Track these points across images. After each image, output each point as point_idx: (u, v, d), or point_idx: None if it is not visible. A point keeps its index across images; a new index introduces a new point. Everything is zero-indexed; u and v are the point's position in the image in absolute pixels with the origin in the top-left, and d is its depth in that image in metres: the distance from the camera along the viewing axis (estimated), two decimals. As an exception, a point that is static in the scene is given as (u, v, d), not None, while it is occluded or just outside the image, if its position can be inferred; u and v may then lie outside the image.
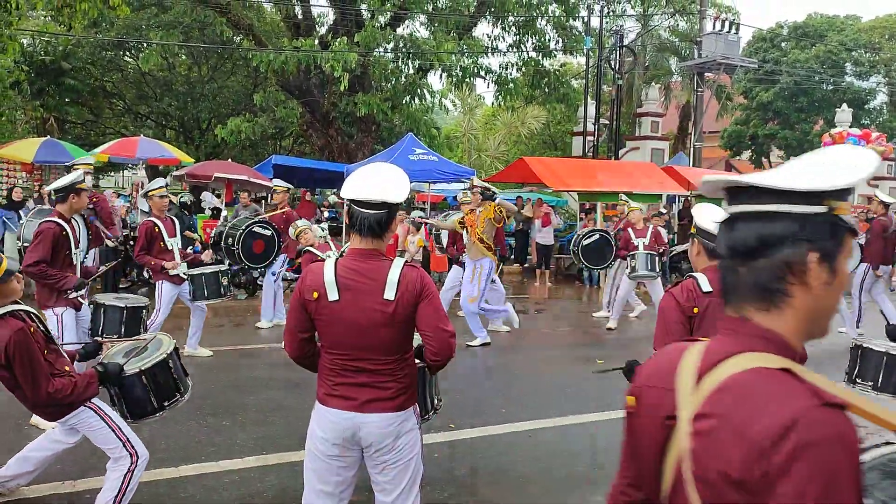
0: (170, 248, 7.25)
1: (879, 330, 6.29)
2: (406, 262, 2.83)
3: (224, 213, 13.42)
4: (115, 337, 5.21)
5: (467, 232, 8.80)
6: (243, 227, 9.27)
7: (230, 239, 9.23)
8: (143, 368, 3.80)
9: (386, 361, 2.76)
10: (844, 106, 28.43)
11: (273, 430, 5.47)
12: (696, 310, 3.33)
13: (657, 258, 9.92)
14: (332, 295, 2.73)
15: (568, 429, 5.75)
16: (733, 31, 22.96)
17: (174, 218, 7.64)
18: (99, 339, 4.00)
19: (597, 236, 11.62)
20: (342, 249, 8.79)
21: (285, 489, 4.30)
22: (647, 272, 9.73)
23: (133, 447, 3.65)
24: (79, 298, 5.66)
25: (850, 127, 26.24)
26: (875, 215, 9.87)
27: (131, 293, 8.12)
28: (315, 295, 2.75)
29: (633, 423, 1.39)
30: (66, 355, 3.78)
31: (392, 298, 2.72)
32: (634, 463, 1.41)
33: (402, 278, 2.75)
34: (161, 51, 19.19)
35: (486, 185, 9.16)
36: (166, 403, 3.96)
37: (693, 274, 3.41)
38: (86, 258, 6.67)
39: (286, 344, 2.95)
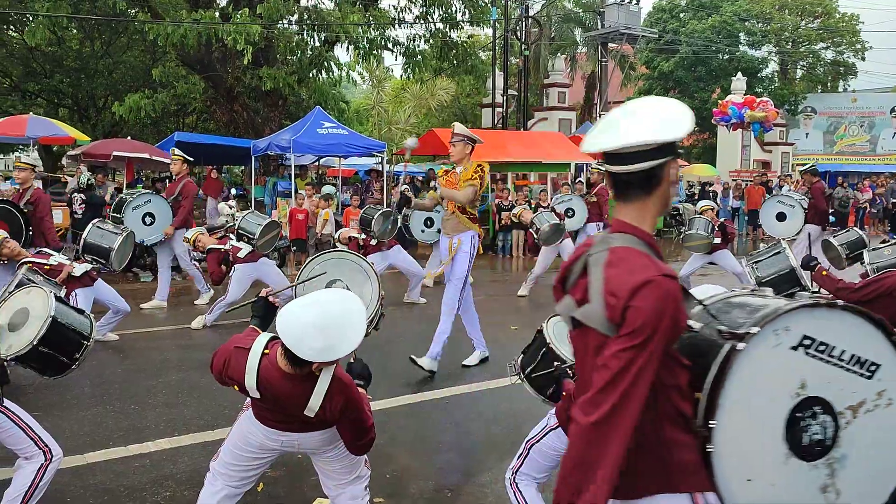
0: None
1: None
2: None
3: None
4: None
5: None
6: None
7: None
8: (34, 342, 3.67)
9: None
10: (739, 74, 29.61)
11: (184, 412, 5.34)
12: None
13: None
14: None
15: (483, 394, 5.86)
16: (634, 1, 23.52)
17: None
18: None
19: None
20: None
21: (198, 469, 4.21)
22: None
23: (46, 444, 3.50)
24: None
25: (745, 95, 27.40)
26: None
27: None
28: None
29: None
30: None
31: None
32: None
33: None
34: (48, 24, 18.07)
35: (470, 133, 6.50)
36: (77, 356, 3.96)
37: None
38: None
39: None
